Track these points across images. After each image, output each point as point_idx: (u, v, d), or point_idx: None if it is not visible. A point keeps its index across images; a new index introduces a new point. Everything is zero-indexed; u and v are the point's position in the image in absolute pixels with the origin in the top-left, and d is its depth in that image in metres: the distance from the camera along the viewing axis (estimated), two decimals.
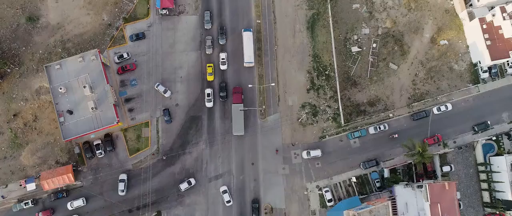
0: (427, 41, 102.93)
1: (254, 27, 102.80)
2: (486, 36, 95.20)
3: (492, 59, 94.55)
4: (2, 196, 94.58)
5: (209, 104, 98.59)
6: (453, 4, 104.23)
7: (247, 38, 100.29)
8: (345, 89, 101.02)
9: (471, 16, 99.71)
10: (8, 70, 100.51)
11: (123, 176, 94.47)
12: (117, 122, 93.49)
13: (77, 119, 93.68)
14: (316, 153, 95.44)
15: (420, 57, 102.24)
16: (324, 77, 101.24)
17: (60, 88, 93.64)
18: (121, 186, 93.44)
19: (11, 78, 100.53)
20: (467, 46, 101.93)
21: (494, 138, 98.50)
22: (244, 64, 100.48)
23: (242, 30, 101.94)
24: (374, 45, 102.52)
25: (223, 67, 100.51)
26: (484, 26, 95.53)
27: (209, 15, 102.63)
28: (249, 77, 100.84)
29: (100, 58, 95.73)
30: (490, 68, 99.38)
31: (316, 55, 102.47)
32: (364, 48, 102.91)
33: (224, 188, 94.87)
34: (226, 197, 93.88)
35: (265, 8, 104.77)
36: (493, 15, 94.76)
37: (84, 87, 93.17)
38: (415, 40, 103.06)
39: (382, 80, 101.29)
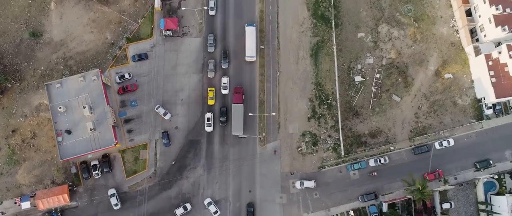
0: (432, 74, 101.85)
1: (257, 54, 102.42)
2: (492, 73, 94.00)
3: (497, 97, 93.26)
4: (2, 212, 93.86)
5: (208, 129, 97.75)
6: (459, 38, 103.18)
7: (250, 33, 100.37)
8: (347, 119, 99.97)
9: (477, 51, 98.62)
10: (9, 85, 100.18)
11: (112, 191, 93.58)
12: (115, 144, 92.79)
13: (75, 139, 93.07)
14: (310, 184, 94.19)
15: (424, 90, 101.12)
16: (326, 106, 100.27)
17: (60, 107, 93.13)
18: (113, 200, 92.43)
19: (12, 94, 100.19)
20: (472, 81, 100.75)
21: (496, 176, 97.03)
22: (246, 58, 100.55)
23: (245, 24, 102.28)
24: (378, 75, 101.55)
25: (224, 92, 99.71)
26: (490, 63, 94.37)
27: (212, 38, 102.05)
28: (251, 104, 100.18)
29: (101, 78, 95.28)
30: (494, 105, 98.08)
31: (318, 83, 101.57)
32: (368, 78, 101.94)
33: (209, 200, 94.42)
34: (212, 208, 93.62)
35: (269, 33, 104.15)
36: (499, 52, 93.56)
37: (84, 107, 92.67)
38: (420, 73, 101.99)
39: (385, 111, 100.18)
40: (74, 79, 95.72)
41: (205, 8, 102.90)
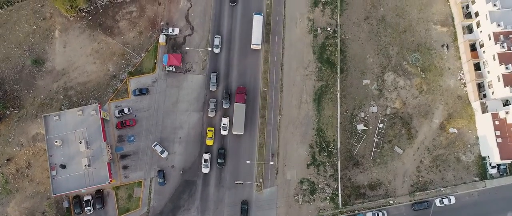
0: (436, 127, 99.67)
1: (260, 95, 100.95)
2: (498, 133, 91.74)
3: (502, 158, 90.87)
4: None
5: (205, 170, 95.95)
6: (466, 92, 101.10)
7: (257, 21, 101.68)
8: (347, 168, 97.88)
9: (484, 108, 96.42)
10: (8, 113, 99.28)
11: None
12: (109, 182, 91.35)
13: (69, 174, 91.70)
14: None
15: (427, 143, 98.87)
16: (326, 153, 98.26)
17: (56, 141, 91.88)
18: None
19: (9, 121, 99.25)
20: (477, 138, 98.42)
21: None
22: (251, 46, 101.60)
23: (253, 13, 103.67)
24: (381, 125, 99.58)
25: (224, 133, 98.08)
26: (497, 122, 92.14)
27: (215, 77, 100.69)
28: (250, 149, 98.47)
29: (100, 113, 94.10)
30: (499, 164, 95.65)
31: (320, 129, 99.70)
32: (370, 127, 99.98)
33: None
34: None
35: (273, 75, 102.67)
36: (507, 113, 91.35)
37: (80, 142, 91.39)
38: (424, 125, 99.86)
39: (386, 163, 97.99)
40: (73, 112, 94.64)
41: (209, 49, 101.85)
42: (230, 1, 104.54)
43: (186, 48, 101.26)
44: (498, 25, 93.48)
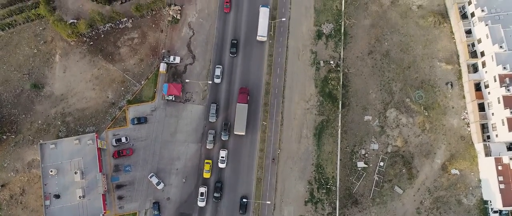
0: (438, 168, 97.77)
1: (259, 128, 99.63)
2: (501, 178, 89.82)
3: (504, 205, 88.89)
4: None
5: (201, 204, 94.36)
6: (469, 132, 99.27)
7: (263, 13, 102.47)
8: (345, 207, 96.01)
9: (487, 151, 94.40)
10: (4, 137, 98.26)
11: None
12: (103, 214, 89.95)
13: (63, 205, 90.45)
14: None
15: (428, 184, 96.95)
16: (324, 190, 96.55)
17: (51, 171, 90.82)
18: None
19: (6, 146, 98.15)
20: (479, 180, 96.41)
21: None
22: (257, 37, 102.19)
23: (260, 6, 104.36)
24: (382, 163, 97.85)
25: (221, 166, 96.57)
26: (500, 167, 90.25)
27: (215, 108, 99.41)
28: (247, 184, 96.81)
29: (97, 143, 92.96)
30: (501, 209, 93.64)
31: (319, 165, 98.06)
32: (371, 165, 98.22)
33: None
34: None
35: (274, 107, 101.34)
36: (511, 159, 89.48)
37: (76, 173, 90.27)
38: (425, 165, 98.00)
39: (385, 203, 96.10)
40: (69, 141, 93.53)
41: (209, 82, 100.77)
42: (231, 53, 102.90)
43: (187, 80, 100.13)
44: (504, 68, 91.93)
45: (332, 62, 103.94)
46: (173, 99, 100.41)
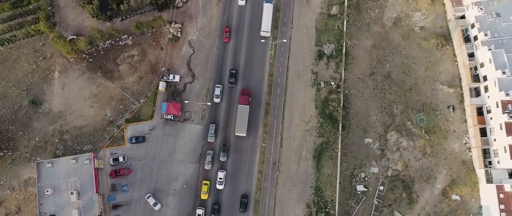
0: (438, 193, 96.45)
1: (259, 149, 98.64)
2: (502, 207, 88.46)
3: None
4: None
5: None
6: (471, 157, 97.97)
7: (267, 9, 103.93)
8: None
9: (489, 178, 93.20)
10: (1, 154, 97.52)
11: None
12: None
13: None
14: None
15: (428, 210, 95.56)
16: (323, 214, 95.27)
17: (47, 190, 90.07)
18: None
19: (2, 163, 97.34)
20: (480, 207, 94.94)
21: None
22: (261, 33, 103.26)
23: (264, 1, 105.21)
24: (382, 187, 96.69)
25: (219, 187, 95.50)
26: (501, 195, 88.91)
27: (214, 128, 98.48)
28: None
29: (94, 163, 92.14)
30: None
31: (318, 188, 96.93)
32: (370, 189, 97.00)
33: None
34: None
35: (273, 128, 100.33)
36: None
37: (72, 193, 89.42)
38: (426, 190, 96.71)
39: None
40: (66, 160, 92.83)
41: (209, 103, 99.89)
42: (229, 83, 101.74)
43: (186, 101, 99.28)
44: (507, 94, 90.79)
45: (333, 83, 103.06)
46: (172, 118, 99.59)
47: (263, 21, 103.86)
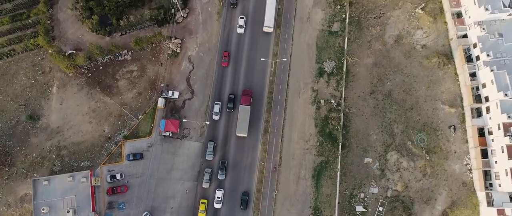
0: (438, 215, 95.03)
1: (257, 166, 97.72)
2: None
3: None
4: None
5: None
6: (472, 178, 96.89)
7: (270, 4, 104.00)
8: None
9: (490, 201, 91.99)
10: None
11: None
12: None
13: None
14: None
15: None
16: None
17: (43, 209, 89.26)
18: None
19: None
20: None
21: None
22: (264, 28, 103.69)
23: None
24: (381, 208, 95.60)
25: (217, 206, 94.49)
26: None
27: (212, 146, 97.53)
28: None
29: (91, 181, 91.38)
30: None
31: (317, 208, 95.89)
32: (369, 210, 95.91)
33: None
34: None
35: (272, 147, 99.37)
36: None
37: (68, 211, 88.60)
38: (425, 212, 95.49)
39: None
40: (62, 178, 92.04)
41: (207, 122, 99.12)
42: (228, 108, 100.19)
43: (184, 120, 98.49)
44: (509, 117, 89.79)
45: (333, 101, 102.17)
46: (171, 135, 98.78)
47: (266, 15, 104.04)
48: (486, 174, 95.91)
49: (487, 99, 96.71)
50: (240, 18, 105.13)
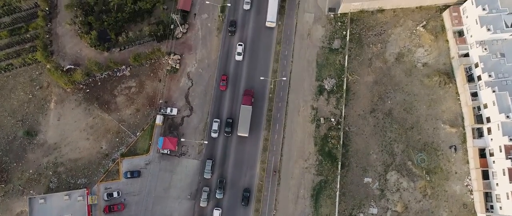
0: None
1: (255, 186, 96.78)
2: None
3: None
4: None
5: None
6: (472, 200, 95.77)
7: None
8: None
9: None
10: None
11: None
12: None
13: None
14: None
15: None
16: None
17: None
18: None
19: None
20: None
21: None
22: (266, 23, 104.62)
23: None
24: None
25: None
26: None
27: (210, 164, 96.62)
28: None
29: (87, 200, 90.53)
30: None
31: None
32: None
33: None
34: None
35: (271, 165, 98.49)
36: None
37: None
38: None
39: None
40: (59, 196, 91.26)
41: (205, 142, 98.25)
42: (226, 132, 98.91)
43: (182, 139, 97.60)
44: (511, 139, 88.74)
45: (333, 119, 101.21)
46: (168, 152, 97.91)
47: (269, 11, 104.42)
48: (487, 196, 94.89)
49: (488, 119, 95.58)
50: (239, 45, 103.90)
